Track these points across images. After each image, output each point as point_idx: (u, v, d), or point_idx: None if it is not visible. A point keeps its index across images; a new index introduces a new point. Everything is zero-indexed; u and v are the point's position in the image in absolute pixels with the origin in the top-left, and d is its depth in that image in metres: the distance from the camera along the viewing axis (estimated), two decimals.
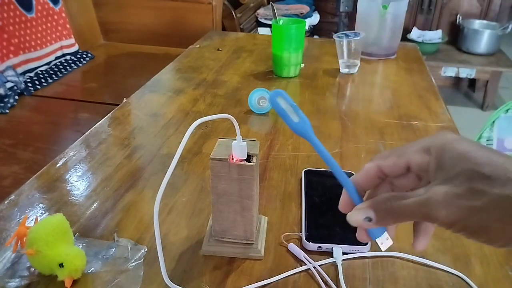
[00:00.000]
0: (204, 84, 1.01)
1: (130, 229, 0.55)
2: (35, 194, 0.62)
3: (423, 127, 0.81)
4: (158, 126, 0.81)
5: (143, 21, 2.06)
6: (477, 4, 2.76)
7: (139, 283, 0.47)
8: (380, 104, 0.93)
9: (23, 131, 1.31)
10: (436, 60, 2.66)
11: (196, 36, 1.37)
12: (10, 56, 1.52)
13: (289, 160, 0.70)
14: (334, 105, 0.91)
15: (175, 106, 0.90)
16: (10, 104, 1.42)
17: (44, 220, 0.49)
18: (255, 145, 0.48)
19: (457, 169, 0.30)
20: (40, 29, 1.66)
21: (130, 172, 0.67)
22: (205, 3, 1.92)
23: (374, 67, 1.14)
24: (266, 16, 2.51)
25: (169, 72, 1.10)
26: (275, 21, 1.04)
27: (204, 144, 0.75)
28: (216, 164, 0.46)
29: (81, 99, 1.54)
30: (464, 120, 2.36)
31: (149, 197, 0.62)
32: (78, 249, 0.48)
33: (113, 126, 0.82)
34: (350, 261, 0.50)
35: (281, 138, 0.77)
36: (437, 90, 0.99)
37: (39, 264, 0.47)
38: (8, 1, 1.53)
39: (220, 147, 0.48)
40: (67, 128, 1.38)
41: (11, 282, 0.47)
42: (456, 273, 0.48)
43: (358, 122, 0.83)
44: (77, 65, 1.77)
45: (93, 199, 0.61)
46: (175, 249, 0.52)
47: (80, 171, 0.67)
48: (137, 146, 0.74)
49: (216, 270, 0.49)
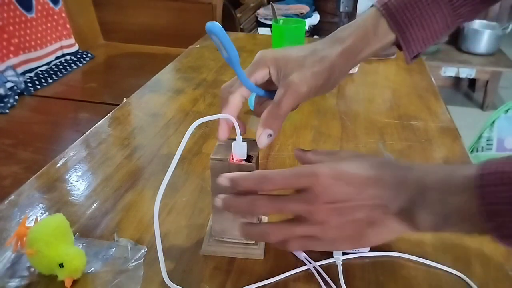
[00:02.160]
0: (204, 84, 1.01)
1: (130, 229, 0.55)
2: (35, 194, 0.62)
3: (423, 127, 0.81)
4: (158, 126, 0.81)
5: (143, 21, 2.06)
6: None
7: (139, 283, 0.47)
8: (380, 104, 0.93)
9: (23, 131, 1.31)
10: (436, 60, 2.66)
11: (196, 36, 1.37)
12: (10, 56, 1.52)
13: (289, 160, 0.70)
14: (334, 105, 0.91)
15: (175, 106, 0.90)
16: (10, 104, 1.42)
17: (44, 220, 0.49)
18: (256, 145, 0.48)
19: (290, 63, 0.45)
20: (40, 29, 1.66)
21: (130, 172, 0.67)
22: (205, 3, 1.92)
23: (374, 67, 1.14)
24: (266, 16, 2.52)
25: (169, 72, 1.10)
26: (275, 21, 1.04)
27: (204, 144, 0.75)
28: (216, 164, 0.46)
29: (81, 99, 1.54)
30: (464, 120, 2.35)
31: (149, 197, 0.62)
32: (78, 249, 0.48)
33: (113, 126, 0.82)
34: (350, 261, 0.50)
35: (281, 138, 0.77)
36: (437, 90, 0.99)
37: (39, 264, 0.47)
38: (8, 1, 1.53)
39: (220, 147, 0.48)
40: (67, 128, 1.38)
41: (11, 282, 0.47)
42: (456, 273, 0.48)
43: (358, 122, 0.83)
44: (77, 65, 1.77)
45: (93, 199, 0.61)
46: (175, 249, 0.52)
47: (80, 171, 0.67)
48: (137, 146, 0.74)
49: (216, 270, 0.49)
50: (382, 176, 0.38)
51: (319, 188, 0.38)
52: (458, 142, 0.76)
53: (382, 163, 0.40)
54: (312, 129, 0.80)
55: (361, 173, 0.39)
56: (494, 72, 2.64)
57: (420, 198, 0.36)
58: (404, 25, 0.47)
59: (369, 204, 0.38)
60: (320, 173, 0.38)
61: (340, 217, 0.38)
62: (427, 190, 0.36)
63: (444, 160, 0.71)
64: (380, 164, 0.40)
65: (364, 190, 0.38)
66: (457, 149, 0.74)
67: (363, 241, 0.40)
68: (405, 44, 0.49)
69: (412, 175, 0.38)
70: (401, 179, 0.38)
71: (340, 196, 0.38)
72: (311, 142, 0.76)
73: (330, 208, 0.38)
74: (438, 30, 0.48)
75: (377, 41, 0.48)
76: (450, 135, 0.78)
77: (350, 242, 0.40)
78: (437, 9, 0.47)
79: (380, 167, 0.39)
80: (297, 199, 0.39)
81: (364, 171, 0.39)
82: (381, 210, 0.38)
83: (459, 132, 0.80)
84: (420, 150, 0.73)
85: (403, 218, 0.38)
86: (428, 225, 0.36)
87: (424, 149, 0.74)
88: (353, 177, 0.39)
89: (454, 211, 0.35)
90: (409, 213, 0.37)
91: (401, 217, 0.38)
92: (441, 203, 0.35)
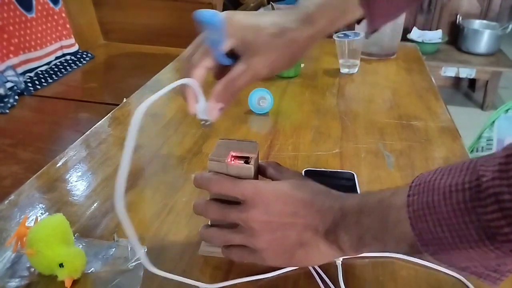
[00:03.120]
0: (204, 84, 1.01)
1: None
2: (35, 194, 0.62)
3: (423, 127, 0.81)
4: (158, 126, 0.81)
5: (143, 21, 2.06)
6: (477, 4, 2.76)
7: (139, 283, 0.47)
8: (380, 104, 0.93)
9: (23, 131, 1.31)
10: (436, 60, 2.66)
11: (196, 36, 1.36)
12: (10, 56, 1.52)
13: (289, 160, 0.70)
14: (334, 105, 0.91)
15: (175, 106, 0.90)
16: (10, 104, 1.42)
17: (44, 220, 0.49)
18: (255, 146, 0.48)
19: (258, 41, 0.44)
20: (40, 29, 1.66)
21: (130, 172, 0.66)
22: (205, 3, 1.92)
23: (374, 67, 1.14)
24: None
25: (169, 72, 1.10)
26: None
27: (204, 144, 0.75)
28: (214, 165, 0.46)
29: (81, 99, 1.54)
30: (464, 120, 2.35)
31: (149, 197, 0.62)
32: (78, 249, 0.48)
33: (113, 126, 0.82)
34: (349, 261, 0.50)
35: (281, 138, 0.77)
36: (437, 90, 0.99)
37: (39, 264, 0.47)
38: (8, 1, 1.53)
39: (220, 148, 0.48)
40: (67, 128, 1.38)
41: (11, 282, 0.47)
42: (454, 275, 0.48)
43: (358, 122, 0.83)
44: (77, 65, 1.77)
45: (93, 199, 0.61)
46: (175, 249, 0.52)
47: (80, 171, 0.67)
48: (137, 146, 0.74)
49: (216, 270, 0.49)
50: (315, 201, 0.41)
51: (257, 201, 0.41)
52: (458, 142, 0.76)
53: (318, 190, 0.43)
54: (312, 129, 0.80)
55: (298, 195, 0.42)
56: (494, 72, 2.64)
57: (341, 222, 0.39)
58: None
59: (301, 223, 0.41)
60: (261, 188, 0.42)
61: (272, 232, 0.41)
62: (347, 214, 0.39)
63: (444, 160, 0.71)
64: (316, 191, 0.43)
65: (298, 210, 0.41)
66: (457, 149, 0.74)
67: (295, 261, 0.43)
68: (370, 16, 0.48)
69: (339, 202, 0.41)
70: (329, 204, 0.41)
71: (274, 212, 0.41)
72: (311, 142, 0.76)
73: (263, 221, 0.41)
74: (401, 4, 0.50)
75: (344, 20, 0.48)
76: (450, 135, 0.78)
77: (281, 259, 0.43)
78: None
79: (316, 193, 0.42)
80: (237, 208, 0.42)
81: (301, 194, 0.42)
82: (312, 231, 0.41)
83: (459, 132, 0.80)
84: (420, 150, 0.73)
85: (330, 241, 0.40)
86: (349, 245, 0.39)
87: (424, 149, 0.74)
88: (290, 197, 0.41)
89: (368, 231, 0.37)
90: (333, 235, 0.40)
91: (329, 240, 0.40)
92: (356, 224, 0.38)
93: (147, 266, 0.41)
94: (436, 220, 0.32)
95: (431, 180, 0.33)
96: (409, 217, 0.34)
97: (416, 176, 0.36)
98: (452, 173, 0.32)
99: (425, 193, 0.33)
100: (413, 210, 0.33)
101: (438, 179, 0.33)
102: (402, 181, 0.65)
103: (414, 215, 0.33)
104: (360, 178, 0.65)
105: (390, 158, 0.71)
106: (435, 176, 0.34)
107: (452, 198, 0.31)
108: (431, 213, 0.32)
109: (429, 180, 0.33)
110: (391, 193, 0.37)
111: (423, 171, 0.35)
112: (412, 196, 0.34)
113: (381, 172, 0.67)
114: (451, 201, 0.31)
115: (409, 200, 0.34)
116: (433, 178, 0.33)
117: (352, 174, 0.66)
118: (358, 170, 0.67)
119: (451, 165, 0.34)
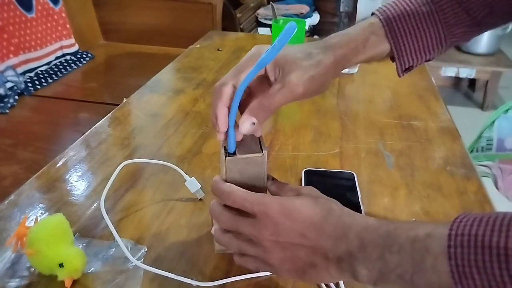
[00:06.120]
0: (204, 84, 1.01)
1: (130, 229, 0.55)
2: (35, 194, 0.62)
3: (423, 127, 0.81)
4: (158, 126, 0.81)
5: (143, 21, 2.06)
6: None
7: (139, 283, 0.47)
8: (380, 104, 0.93)
9: (23, 131, 1.31)
10: (436, 60, 2.63)
11: (196, 36, 1.37)
12: (10, 56, 1.52)
13: (289, 160, 0.71)
14: (334, 105, 0.91)
15: (175, 106, 0.90)
16: (10, 104, 1.42)
17: (44, 220, 0.49)
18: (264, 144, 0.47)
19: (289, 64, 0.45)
20: (40, 29, 1.66)
21: (130, 172, 0.67)
22: (205, 3, 1.92)
23: (374, 67, 1.14)
24: (266, 16, 2.51)
25: (169, 72, 1.10)
26: (275, 21, 1.04)
27: (204, 144, 0.75)
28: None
29: (81, 99, 1.54)
30: (464, 120, 2.35)
31: (149, 197, 0.62)
32: (78, 249, 0.48)
33: (113, 126, 0.82)
34: None
35: (281, 138, 0.77)
36: (437, 90, 0.99)
37: (39, 264, 0.47)
38: (8, 1, 1.53)
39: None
40: (67, 128, 1.38)
41: (11, 282, 0.47)
42: None
43: (358, 122, 0.83)
44: (77, 65, 1.77)
45: (93, 199, 0.61)
46: (175, 249, 0.52)
47: (80, 171, 0.67)
48: (137, 146, 0.74)
49: (216, 269, 0.49)
50: (325, 224, 0.39)
51: (266, 220, 0.40)
52: (458, 142, 0.76)
53: (330, 209, 0.40)
54: (312, 129, 0.80)
55: (307, 215, 0.40)
56: (494, 72, 2.64)
57: (359, 254, 0.37)
58: (399, 34, 0.50)
59: (310, 246, 0.39)
60: (270, 207, 0.40)
61: (282, 251, 0.40)
62: (367, 246, 0.37)
63: (444, 160, 0.71)
64: (328, 210, 0.40)
65: (306, 232, 0.39)
66: (457, 149, 0.74)
67: (307, 278, 0.41)
68: (397, 53, 0.51)
69: (354, 229, 0.38)
70: (343, 231, 0.38)
71: (284, 232, 0.40)
72: (311, 142, 0.76)
73: (273, 241, 0.40)
74: (431, 44, 0.51)
75: (366, 52, 0.50)
76: (450, 135, 0.78)
77: (294, 275, 0.42)
78: (432, 23, 0.50)
79: (327, 215, 0.40)
80: (248, 223, 0.41)
81: (311, 213, 0.40)
82: (321, 256, 0.39)
83: (459, 132, 0.80)
84: (420, 150, 0.73)
85: (343, 269, 0.38)
86: (367, 279, 0.37)
87: (424, 149, 0.74)
88: (299, 216, 0.40)
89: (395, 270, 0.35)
90: (348, 265, 0.38)
91: (341, 268, 0.38)
92: (379, 260, 0.36)
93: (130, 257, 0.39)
94: (486, 281, 0.30)
95: (478, 234, 0.32)
96: (451, 270, 0.32)
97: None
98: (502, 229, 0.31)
99: (471, 248, 0.31)
100: (456, 265, 0.32)
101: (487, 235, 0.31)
102: (402, 181, 0.65)
103: (458, 270, 0.32)
104: (360, 178, 0.65)
105: (390, 158, 0.71)
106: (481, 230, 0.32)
107: (509, 263, 0.30)
108: (480, 272, 0.31)
109: (476, 234, 0.32)
110: (425, 234, 0.34)
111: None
112: (454, 248, 0.32)
113: (381, 172, 0.67)
114: (507, 265, 0.30)
115: (451, 252, 0.32)
116: (479, 232, 0.32)
117: (352, 174, 0.66)
118: (358, 170, 0.67)
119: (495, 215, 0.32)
